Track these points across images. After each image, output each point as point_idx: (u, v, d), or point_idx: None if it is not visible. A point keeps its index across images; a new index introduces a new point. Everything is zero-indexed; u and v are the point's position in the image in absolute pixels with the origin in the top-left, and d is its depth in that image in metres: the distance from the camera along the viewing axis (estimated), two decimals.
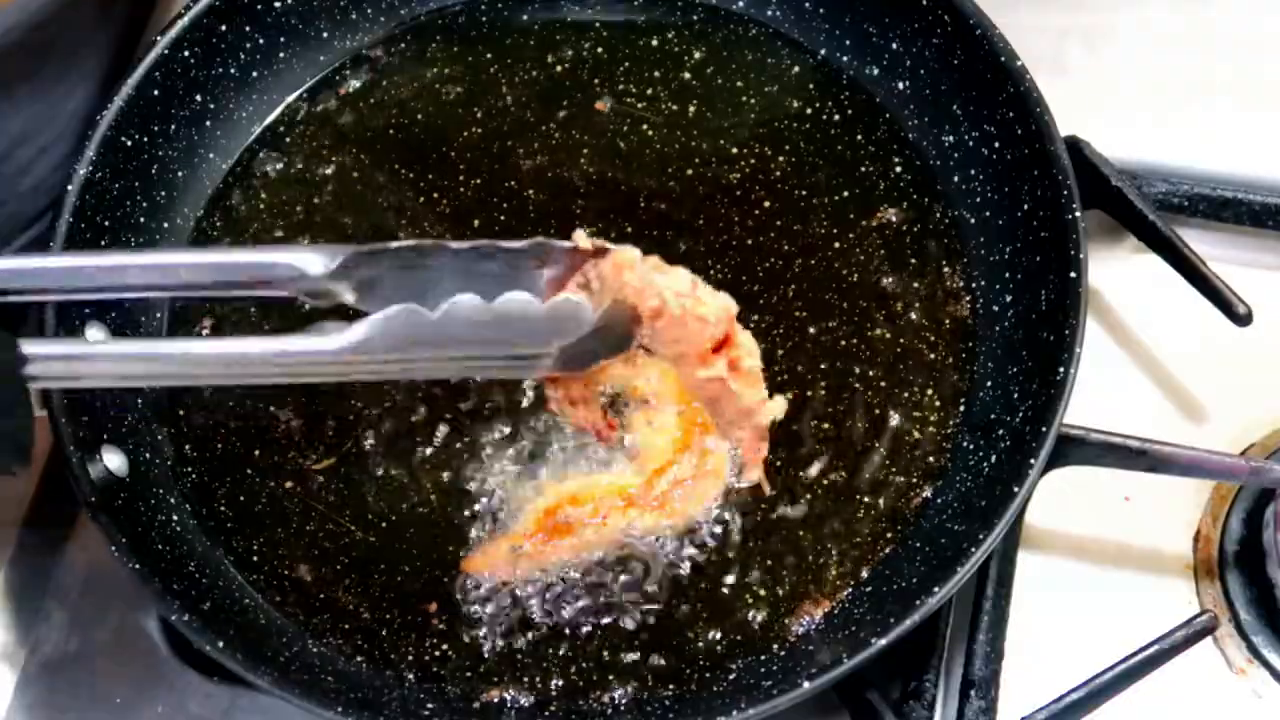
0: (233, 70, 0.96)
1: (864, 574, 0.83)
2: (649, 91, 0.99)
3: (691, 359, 0.78)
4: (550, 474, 0.85)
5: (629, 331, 0.76)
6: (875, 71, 0.98)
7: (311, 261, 0.69)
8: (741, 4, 1.01)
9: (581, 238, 0.76)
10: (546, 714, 0.79)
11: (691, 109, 0.98)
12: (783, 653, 0.80)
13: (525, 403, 0.87)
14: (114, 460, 0.84)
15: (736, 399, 0.80)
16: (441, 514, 0.85)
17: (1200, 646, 0.81)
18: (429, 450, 0.87)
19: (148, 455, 0.87)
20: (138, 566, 0.77)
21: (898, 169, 0.95)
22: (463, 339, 0.70)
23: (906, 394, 0.88)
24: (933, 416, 0.87)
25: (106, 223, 0.89)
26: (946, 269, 0.92)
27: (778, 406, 0.82)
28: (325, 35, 1.00)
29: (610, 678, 0.80)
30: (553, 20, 1.02)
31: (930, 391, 0.88)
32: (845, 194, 0.94)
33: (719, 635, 0.81)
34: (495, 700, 0.80)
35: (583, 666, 0.81)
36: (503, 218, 0.94)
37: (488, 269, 0.71)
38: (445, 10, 1.03)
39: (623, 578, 0.83)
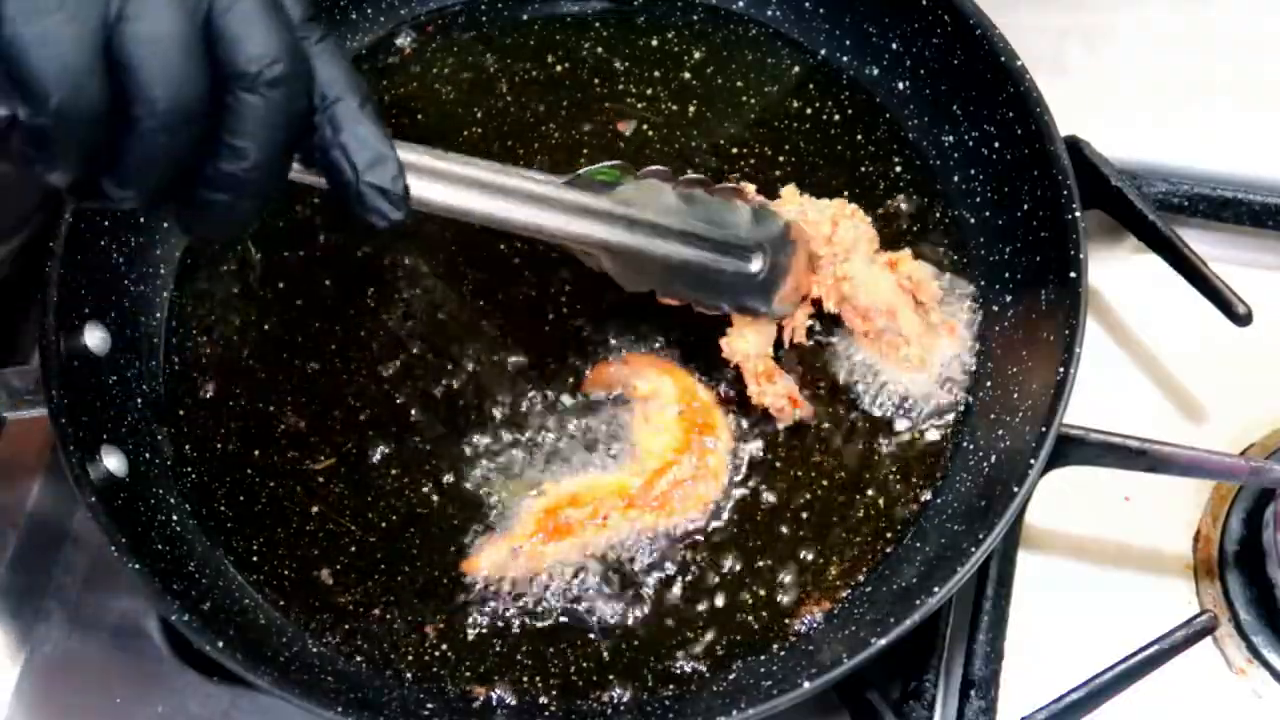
0: None
1: (864, 574, 0.83)
2: (649, 91, 0.99)
3: (877, 255, 0.88)
4: (550, 474, 0.85)
5: (808, 261, 0.86)
6: (875, 71, 0.97)
7: (543, 180, 0.76)
8: (741, 4, 1.01)
9: (748, 189, 0.86)
10: (546, 714, 0.79)
11: (691, 109, 0.98)
12: (783, 653, 0.80)
13: (525, 404, 0.87)
14: (114, 460, 0.84)
15: (921, 269, 0.88)
16: (442, 514, 0.85)
17: (1200, 646, 0.81)
18: (429, 450, 0.87)
19: (148, 455, 0.87)
20: (138, 566, 0.77)
21: (898, 169, 0.95)
22: (692, 214, 0.81)
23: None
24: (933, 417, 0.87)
25: (106, 222, 0.89)
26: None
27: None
28: None
29: (610, 678, 0.80)
30: (553, 20, 1.02)
31: None
32: (845, 194, 0.94)
33: (719, 635, 0.81)
34: (495, 700, 0.80)
35: (582, 666, 0.81)
36: None
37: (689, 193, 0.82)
38: (445, 10, 1.03)
39: (623, 578, 0.83)
